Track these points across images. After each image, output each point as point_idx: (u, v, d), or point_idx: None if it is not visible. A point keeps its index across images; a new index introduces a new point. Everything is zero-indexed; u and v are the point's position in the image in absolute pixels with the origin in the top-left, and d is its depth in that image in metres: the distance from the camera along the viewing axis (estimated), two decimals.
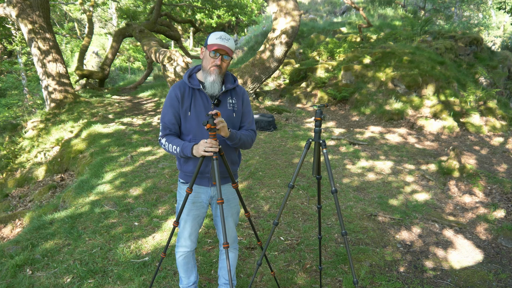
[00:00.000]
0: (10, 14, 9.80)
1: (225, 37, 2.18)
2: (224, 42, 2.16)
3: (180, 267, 2.60)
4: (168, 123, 2.28)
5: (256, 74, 9.43)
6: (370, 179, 5.50)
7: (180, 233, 2.50)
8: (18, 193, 6.97)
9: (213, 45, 2.16)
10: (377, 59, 10.29)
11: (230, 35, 26.37)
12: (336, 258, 3.44)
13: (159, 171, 5.52)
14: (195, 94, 2.27)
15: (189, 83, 2.28)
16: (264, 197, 4.66)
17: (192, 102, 2.26)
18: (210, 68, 2.21)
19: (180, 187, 2.48)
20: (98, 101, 11.21)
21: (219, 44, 2.15)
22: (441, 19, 19.91)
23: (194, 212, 2.42)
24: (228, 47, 2.18)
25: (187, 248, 2.52)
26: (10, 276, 3.16)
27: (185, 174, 2.40)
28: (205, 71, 2.24)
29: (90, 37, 16.02)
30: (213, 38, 2.18)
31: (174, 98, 2.26)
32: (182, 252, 2.54)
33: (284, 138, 7.25)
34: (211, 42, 2.18)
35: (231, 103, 2.33)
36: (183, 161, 2.37)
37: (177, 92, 2.26)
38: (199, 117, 2.25)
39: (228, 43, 2.18)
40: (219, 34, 2.19)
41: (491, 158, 6.60)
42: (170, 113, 2.27)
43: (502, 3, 12.55)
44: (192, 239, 2.50)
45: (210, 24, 23.11)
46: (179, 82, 2.32)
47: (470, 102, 8.94)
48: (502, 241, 3.96)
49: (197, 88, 2.27)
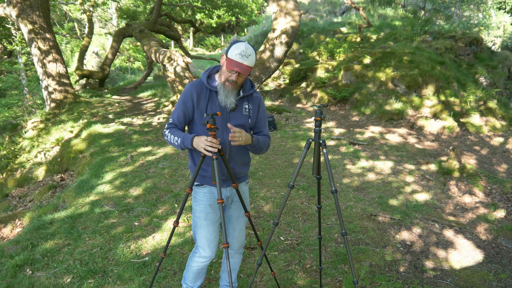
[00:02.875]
0: (10, 14, 9.80)
1: (246, 53, 2.05)
2: (243, 60, 2.05)
3: (191, 274, 2.47)
4: (176, 119, 2.25)
5: (256, 74, 9.43)
6: (370, 179, 5.50)
7: (199, 242, 2.32)
8: (18, 193, 6.97)
9: (232, 62, 2.06)
10: (377, 59, 10.29)
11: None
12: (336, 258, 3.44)
13: (159, 171, 5.52)
14: (212, 95, 2.22)
15: (208, 84, 2.21)
16: (264, 197, 4.66)
17: (208, 104, 2.20)
18: (225, 83, 2.14)
19: (194, 191, 2.34)
20: (98, 101, 11.21)
21: (238, 64, 2.05)
22: (441, 19, 19.91)
23: (212, 215, 2.30)
24: (247, 66, 2.07)
25: (207, 259, 2.34)
26: (10, 276, 3.16)
27: (200, 175, 2.30)
28: (220, 80, 2.17)
29: (90, 37, 16.01)
30: (234, 53, 2.05)
31: (189, 97, 2.20)
32: (199, 264, 2.38)
33: (284, 138, 7.25)
34: (231, 57, 2.07)
35: (247, 108, 2.28)
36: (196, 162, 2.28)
37: (193, 92, 2.20)
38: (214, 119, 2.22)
39: (248, 60, 2.06)
40: (240, 49, 2.05)
41: (491, 158, 6.60)
42: (180, 110, 2.23)
43: (502, 3, 12.55)
44: (212, 248, 2.32)
45: (210, 24, 23.13)
46: (197, 81, 2.25)
47: (470, 102, 8.94)
48: (502, 241, 3.96)
49: (215, 91, 2.21)
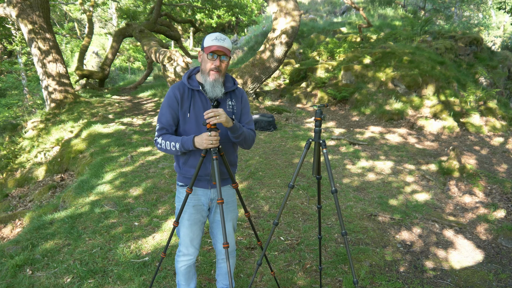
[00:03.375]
0: (10, 14, 9.80)
1: (221, 37, 2.15)
2: (220, 43, 2.14)
3: (181, 276, 2.50)
4: (166, 124, 2.24)
5: (256, 74, 9.43)
6: (370, 179, 5.49)
7: (182, 240, 2.41)
8: (18, 193, 6.97)
9: (210, 47, 2.14)
10: (377, 59, 10.29)
11: (230, 35, 26.06)
12: (336, 258, 3.44)
13: (159, 171, 5.52)
14: (195, 95, 2.24)
15: (189, 84, 2.24)
16: (264, 197, 4.66)
17: (191, 104, 2.23)
18: (209, 71, 2.18)
19: (178, 191, 2.43)
20: (98, 101, 11.21)
21: (216, 45, 2.13)
22: (441, 19, 19.91)
23: (195, 216, 2.36)
24: (225, 47, 2.14)
25: (191, 256, 2.42)
26: (10, 276, 3.16)
27: (184, 176, 2.36)
28: (205, 74, 2.20)
29: (90, 37, 16.02)
30: (209, 40, 2.15)
31: (173, 99, 2.22)
32: (184, 262, 2.44)
33: (284, 138, 7.25)
34: (207, 44, 2.15)
35: (230, 105, 2.30)
36: (183, 162, 2.32)
37: (176, 93, 2.22)
38: (198, 118, 2.22)
39: (225, 42, 2.15)
40: (214, 35, 2.16)
41: (491, 158, 6.60)
42: (168, 113, 2.24)
43: (502, 3, 12.55)
44: (195, 245, 2.41)
45: (210, 24, 23.10)
46: (178, 83, 2.27)
47: (470, 102, 8.94)
48: (502, 241, 3.96)
49: (197, 90, 2.24)
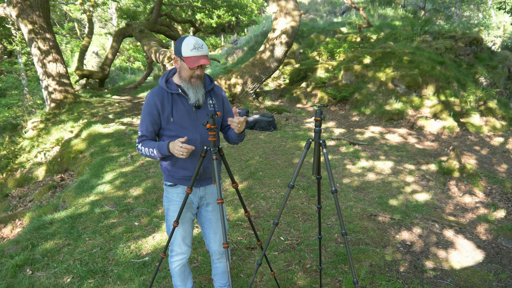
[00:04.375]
0: (10, 14, 9.80)
1: (198, 45, 2.05)
2: (200, 52, 2.06)
3: (177, 276, 2.49)
4: (145, 131, 2.23)
5: (256, 74, 9.43)
6: (370, 179, 5.49)
7: (173, 239, 2.38)
8: (18, 193, 6.97)
9: (191, 59, 2.06)
10: (377, 59, 10.29)
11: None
12: (336, 258, 3.44)
13: (159, 171, 5.52)
14: (175, 99, 2.21)
15: (167, 88, 2.20)
16: (264, 197, 4.66)
17: (173, 108, 2.20)
18: (191, 80, 2.14)
19: (167, 191, 2.38)
20: (98, 101, 11.21)
21: (197, 58, 2.06)
22: (441, 19, 19.91)
23: (185, 213, 2.36)
24: (205, 56, 2.08)
25: (184, 254, 2.41)
26: (10, 276, 3.16)
27: (173, 177, 2.32)
28: (185, 82, 2.16)
29: (90, 37, 16.02)
30: (187, 49, 2.05)
31: (153, 106, 2.18)
32: (179, 261, 2.43)
33: (284, 138, 7.25)
34: (186, 55, 2.06)
35: (211, 103, 2.29)
36: (171, 164, 2.29)
37: (156, 100, 2.18)
38: (182, 121, 2.20)
39: (203, 50, 2.07)
40: (192, 44, 2.05)
41: (491, 158, 6.60)
42: (147, 121, 2.22)
43: (502, 3, 12.56)
44: (187, 243, 2.41)
45: (210, 24, 23.11)
46: (157, 89, 2.22)
47: (470, 102, 8.94)
48: (502, 241, 3.96)
49: (176, 93, 2.21)
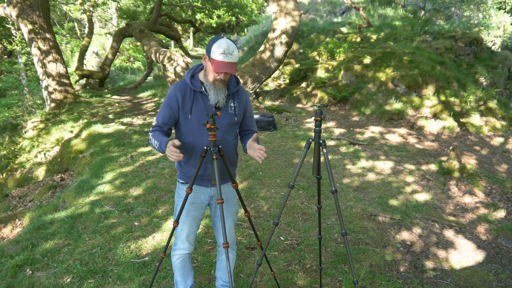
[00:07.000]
0: (10, 14, 9.80)
1: (229, 51, 2.03)
2: (229, 59, 2.03)
3: (177, 271, 2.54)
4: (161, 122, 2.26)
5: (256, 74, 9.43)
6: (370, 179, 5.49)
7: (178, 235, 2.45)
8: (18, 193, 6.97)
9: (218, 64, 2.04)
10: (377, 59, 10.29)
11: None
12: (336, 258, 3.44)
13: (159, 171, 5.52)
14: (197, 96, 2.21)
15: (191, 84, 2.21)
16: (264, 197, 4.66)
17: (193, 105, 2.20)
18: (214, 82, 2.15)
19: (179, 187, 2.45)
20: (98, 101, 11.21)
21: (224, 64, 2.04)
22: (441, 19, 19.90)
23: (193, 213, 2.39)
24: (233, 64, 2.06)
25: (185, 250, 2.46)
26: (10, 276, 3.16)
27: (185, 175, 2.37)
28: (208, 82, 2.17)
29: (90, 37, 16.01)
30: (217, 53, 2.03)
31: (174, 99, 2.20)
32: (179, 255, 2.48)
33: (284, 138, 7.25)
34: (215, 57, 2.05)
35: (233, 106, 2.27)
36: (184, 162, 2.33)
37: (178, 93, 2.19)
38: (200, 120, 2.21)
39: (233, 57, 2.05)
40: (223, 48, 2.02)
41: (491, 158, 6.60)
42: (165, 112, 2.24)
43: (502, 3, 12.55)
44: (190, 241, 2.45)
45: (210, 24, 23.12)
46: (181, 82, 2.24)
47: (470, 102, 8.94)
48: (502, 241, 3.96)
49: (199, 91, 2.21)
